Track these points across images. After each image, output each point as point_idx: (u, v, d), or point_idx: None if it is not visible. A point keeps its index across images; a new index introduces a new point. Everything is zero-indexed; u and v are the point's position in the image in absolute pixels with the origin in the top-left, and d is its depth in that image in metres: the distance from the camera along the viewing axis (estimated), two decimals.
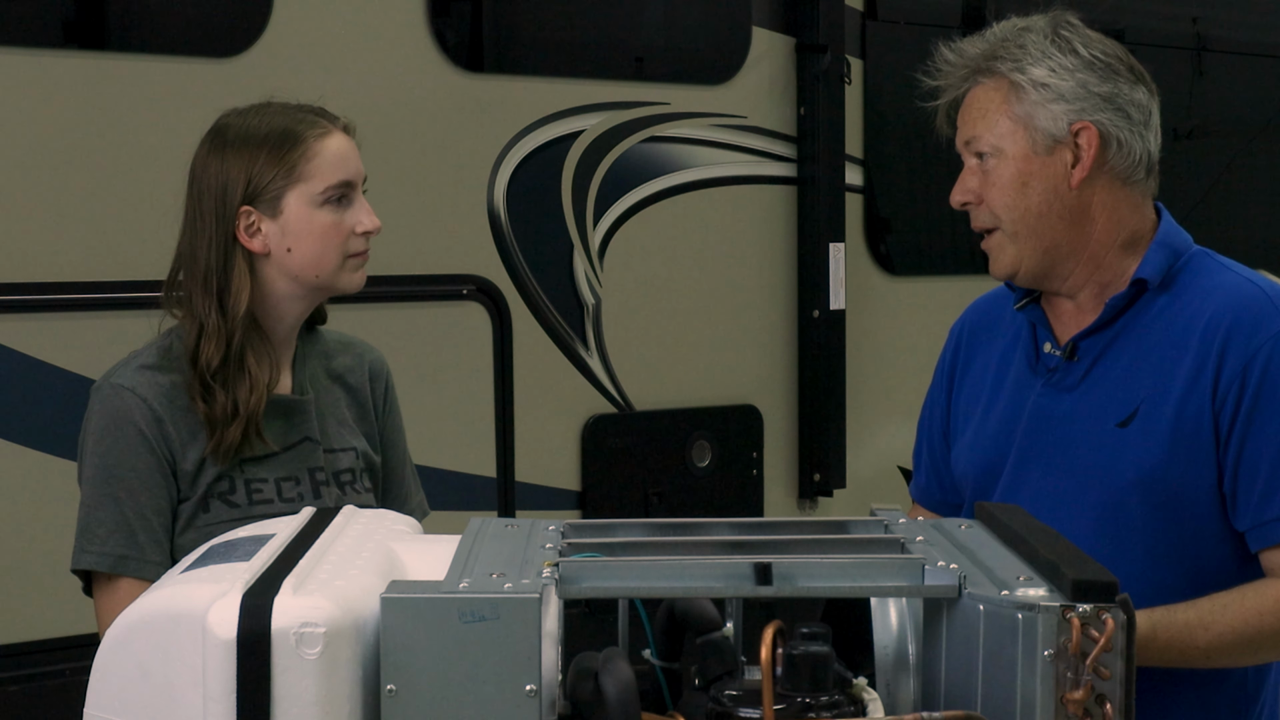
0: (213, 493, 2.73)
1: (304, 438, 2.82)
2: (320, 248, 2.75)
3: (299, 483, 2.79)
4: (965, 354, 2.92)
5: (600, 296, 4.87)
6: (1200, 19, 6.33)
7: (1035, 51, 2.65)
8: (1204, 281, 2.68)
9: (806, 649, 1.79)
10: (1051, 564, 1.77)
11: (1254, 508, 2.58)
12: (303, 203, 2.74)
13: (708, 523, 2.02)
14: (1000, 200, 2.67)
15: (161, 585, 1.83)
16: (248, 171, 2.74)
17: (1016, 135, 2.65)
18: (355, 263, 2.80)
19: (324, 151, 2.75)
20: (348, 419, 2.90)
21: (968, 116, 2.71)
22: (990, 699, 1.73)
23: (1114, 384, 2.67)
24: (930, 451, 2.97)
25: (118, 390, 2.73)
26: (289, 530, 1.91)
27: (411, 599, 1.65)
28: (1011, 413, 2.77)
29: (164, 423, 2.71)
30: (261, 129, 2.76)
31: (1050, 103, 2.63)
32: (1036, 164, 2.65)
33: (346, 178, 2.77)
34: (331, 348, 2.95)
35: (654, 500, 4.94)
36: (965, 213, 2.73)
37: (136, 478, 2.70)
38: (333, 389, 2.91)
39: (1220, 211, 6.32)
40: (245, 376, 2.73)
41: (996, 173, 2.67)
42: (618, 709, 1.71)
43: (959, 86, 2.73)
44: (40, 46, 4.04)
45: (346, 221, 2.76)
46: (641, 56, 5.15)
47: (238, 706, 1.62)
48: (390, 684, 1.64)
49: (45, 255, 3.98)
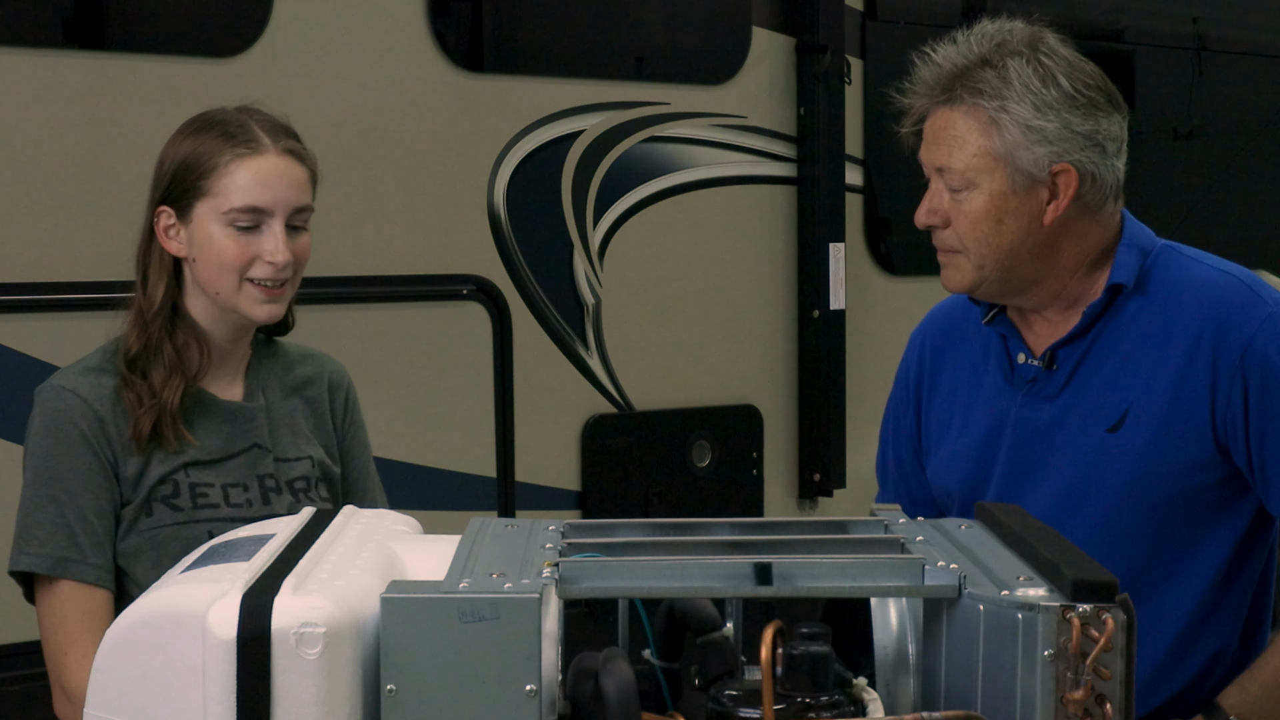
0: (155, 495, 2.68)
1: (253, 444, 2.78)
2: (217, 267, 2.68)
3: (247, 489, 2.75)
4: (931, 367, 2.87)
5: (600, 296, 4.87)
6: (1200, 19, 6.33)
7: (1019, 85, 2.56)
8: (1177, 278, 2.66)
9: (806, 649, 1.79)
10: (1051, 564, 1.77)
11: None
12: (209, 218, 2.67)
13: (708, 523, 2.01)
14: (971, 233, 2.61)
15: (161, 585, 1.83)
16: (174, 170, 2.70)
17: (995, 172, 2.58)
18: (259, 294, 2.69)
19: (238, 172, 2.65)
20: (303, 429, 2.86)
21: (940, 140, 2.62)
22: (990, 699, 1.73)
23: (1098, 389, 2.66)
24: (899, 465, 2.93)
25: (58, 391, 2.69)
26: (289, 530, 1.91)
27: (411, 599, 1.65)
28: (992, 425, 2.75)
29: (105, 423, 2.68)
30: (201, 130, 2.71)
31: (1034, 145, 2.56)
32: (1013, 202, 2.58)
33: (256, 204, 2.66)
34: (292, 358, 2.91)
35: (654, 500, 4.94)
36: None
37: (77, 479, 2.66)
38: (290, 399, 2.86)
39: (1220, 211, 6.32)
40: (161, 365, 2.69)
41: (969, 204, 2.60)
42: (618, 709, 1.70)
43: (933, 99, 2.63)
44: (40, 46, 4.04)
45: (251, 247, 2.66)
46: (641, 56, 5.15)
47: (238, 706, 1.62)
48: (390, 684, 1.64)
49: (43, 256, 3.98)
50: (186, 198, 2.68)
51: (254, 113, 2.74)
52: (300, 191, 2.71)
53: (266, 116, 2.75)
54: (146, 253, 2.74)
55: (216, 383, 2.79)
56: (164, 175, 2.71)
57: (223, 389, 2.80)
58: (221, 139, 2.68)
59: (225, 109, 2.76)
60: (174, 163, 2.70)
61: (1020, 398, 2.72)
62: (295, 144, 2.73)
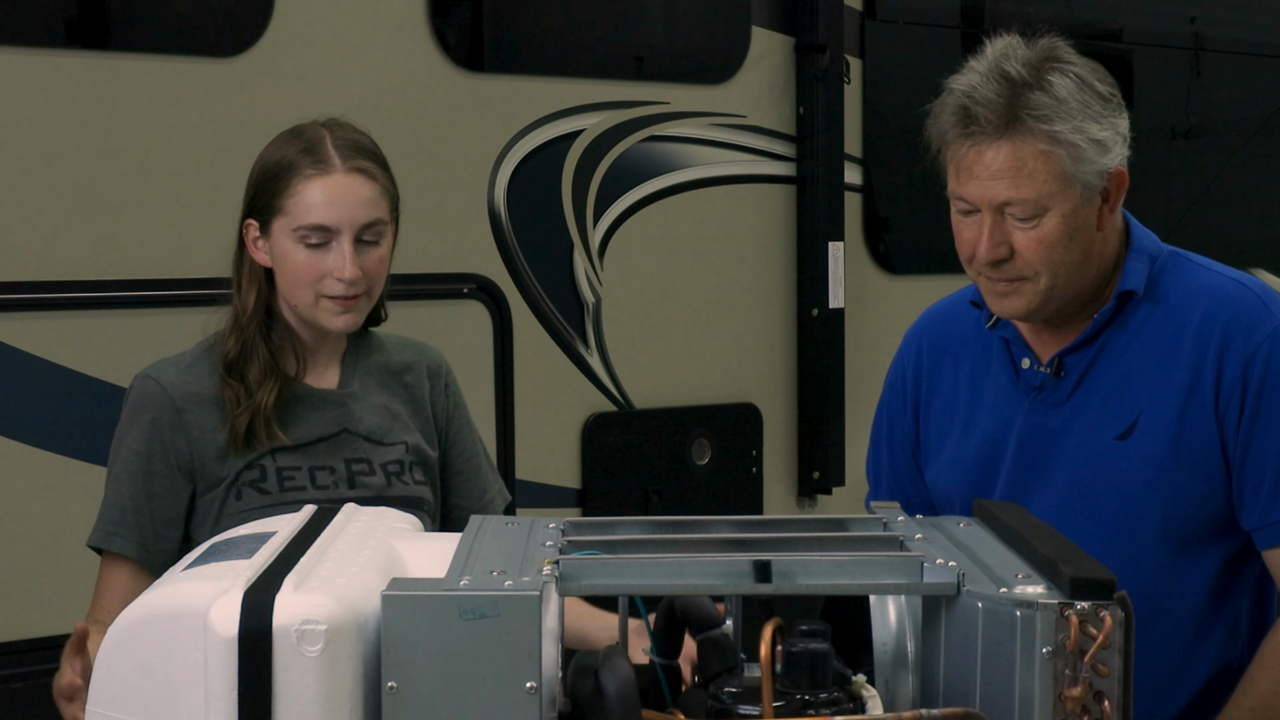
0: (243, 480, 2.77)
1: (341, 429, 2.86)
2: (293, 282, 2.78)
3: (334, 472, 2.82)
4: (930, 370, 2.84)
5: (600, 295, 4.86)
6: (1198, 19, 6.33)
7: (1072, 102, 2.50)
8: (1186, 284, 2.64)
9: (806, 646, 1.79)
10: (1050, 562, 1.77)
11: (1261, 508, 2.57)
12: (284, 234, 2.77)
13: (707, 521, 2.02)
14: (1045, 258, 2.54)
15: (163, 583, 1.83)
16: (257, 184, 2.81)
17: (1067, 193, 2.51)
18: (334, 306, 2.78)
19: (305, 192, 2.75)
20: (402, 414, 2.93)
21: (1000, 175, 2.52)
22: (989, 696, 1.73)
23: (1107, 396, 2.64)
24: (893, 467, 2.90)
25: (144, 379, 2.82)
26: (290, 528, 1.91)
27: (412, 596, 1.65)
28: (997, 431, 2.72)
29: (183, 413, 2.77)
30: (276, 151, 2.81)
31: (1098, 156, 2.52)
32: (1082, 215, 2.54)
33: (322, 223, 2.74)
34: (390, 346, 3.00)
35: (654, 498, 4.94)
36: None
37: (139, 461, 2.76)
38: (386, 385, 2.94)
39: (1217, 210, 6.32)
40: (257, 367, 2.79)
41: (1040, 231, 2.52)
42: (618, 706, 1.71)
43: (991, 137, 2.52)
44: (45, 46, 4.04)
45: (321, 264, 2.76)
46: (641, 56, 5.15)
47: (239, 703, 1.62)
48: (391, 681, 1.64)
49: (50, 254, 3.97)
50: (266, 213, 2.79)
51: (335, 128, 2.83)
52: (369, 209, 2.78)
53: (346, 133, 2.83)
54: (240, 261, 2.85)
55: (311, 372, 2.89)
56: (250, 187, 2.83)
57: (317, 378, 2.89)
58: (297, 156, 2.78)
59: (314, 124, 2.84)
60: (259, 175, 2.82)
61: (1027, 404, 2.70)
62: (365, 162, 2.81)
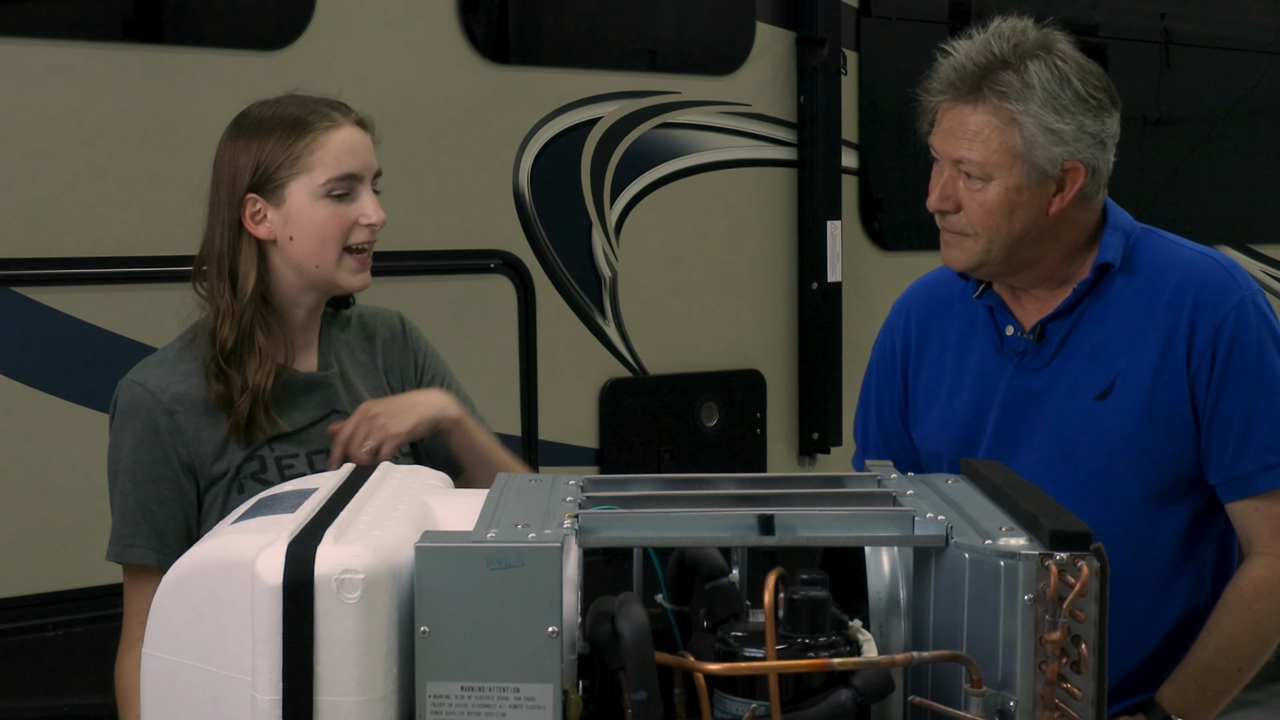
0: (244, 473, 2.61)
1: (331, 410, 2.70)
2: (319, 239, 2.61)
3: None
4: (918, 337, 2.83)
5: (617, 270, 4.86)
6: (1168, 15, 6.30)
7: (1040, 89, 2.51)
8: (1159, 258, 2.65)
9: (806, 594, 1.78)
10: (1031, 516, 1.76)
11: (1226, 464, 2.58)
12: (304, 193, 2.60)
13: (715, 478, 2.01)
14: (983, 220, 2.56)
15: (214, 535, 1.83)
16: (256, 159, 2.61)
17: (1013, 168, 2.53)
18: (355, 263, 2.65)
19: (329, 143, 2.60)
20: (382, 384, 2.79)
21: (960, 133, 2.56)
22: (975, 640, 1.73)
23: (1086, 361, 2.64)
24: (881, 428, 2.89)
25: (129, 385, 2.62)
26: (330, 485, 1.91)
27: (443, 548, 1.65)
28: (982, 394, 2.72)
29: (175, 414, 2.59)
30: (272, 119, 2.63)
31: (1051, 145, 2.52)
32: (1025, 195, 2.55)
33: (351, 170, 2.61)
34: (354, 320, 2.82)
35: (666, 457, 4.94)
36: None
37: (141, 469, 2.59)
38: (360, 360, 2.79)
39: (1185, 193, 6.29)
40: (255, 354, 2.61)
41: (984, 194, 2.55)
42: (633, 649, 1.70)
43: (956, 95, 2.56)
44: (105, 40, 4.03)
45: (349, 214, 2.61)
46: (654, 49, 5.13)
47: (284, 646, 1.62)
48: (424, 626, 1.64)
49: (105, 232, 3.98)
50: (276, 178, 2.60)
51: (307, 96, 2.69)
52: (374, 156, 2.69)
53: (321, 96, 2.69)
54: (234, 249, 2.64)
55: (296, 356, 2.71)
56: (243, 169, 2.62)
57: (299, 362, 2.72)
58: (306, 115, 2.63)
59: (278, 99, 2.68)
60: (260, 146, 2.61)
61: (1011, 368, 2.70)
62: (359, 114, 2.69)
